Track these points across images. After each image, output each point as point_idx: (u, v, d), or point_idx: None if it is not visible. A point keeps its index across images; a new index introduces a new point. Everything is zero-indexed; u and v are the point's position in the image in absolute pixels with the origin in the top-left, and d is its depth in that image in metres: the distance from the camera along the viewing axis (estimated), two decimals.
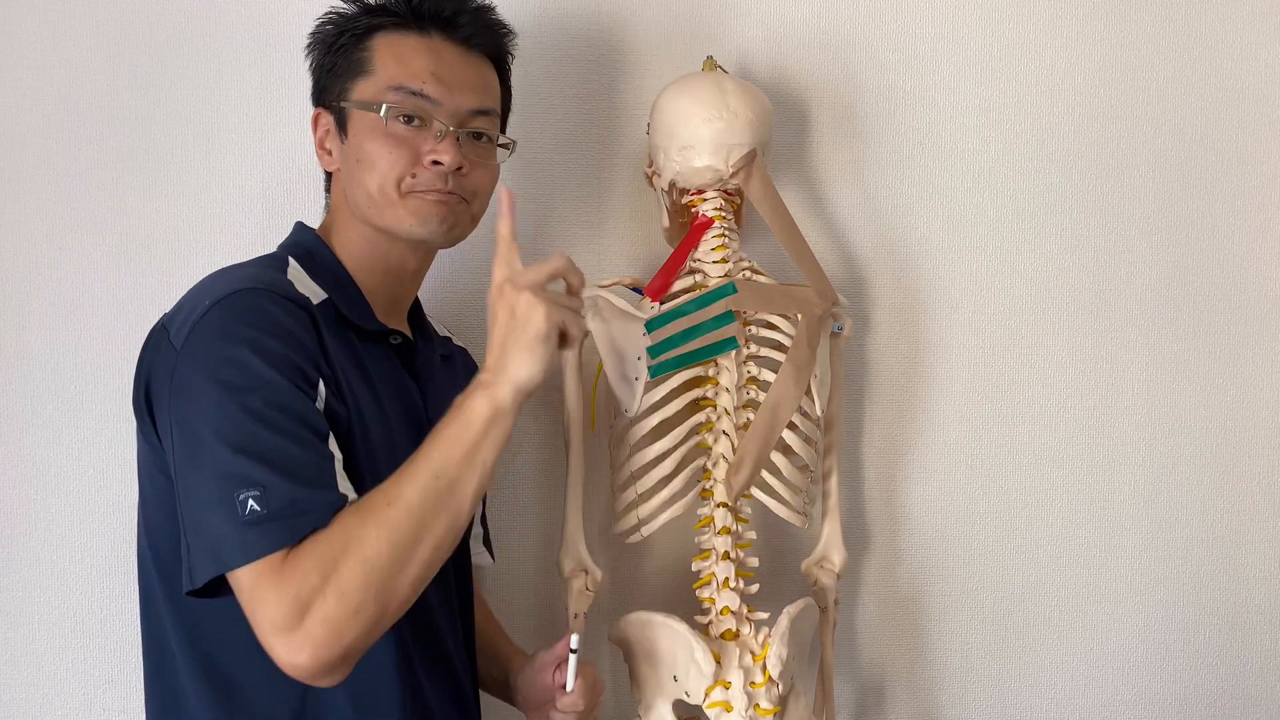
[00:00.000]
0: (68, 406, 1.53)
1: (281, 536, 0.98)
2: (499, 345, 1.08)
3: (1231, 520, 1.70)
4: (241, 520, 0.98)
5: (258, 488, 0.98)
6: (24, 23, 1.54)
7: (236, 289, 1.08)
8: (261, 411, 1.01)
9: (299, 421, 1.03)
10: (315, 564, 0.97)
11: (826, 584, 1.52)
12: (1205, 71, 1.71)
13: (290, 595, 0.96)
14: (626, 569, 1.60)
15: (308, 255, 1.22)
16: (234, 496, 0.98)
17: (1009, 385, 1.67)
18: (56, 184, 1.54)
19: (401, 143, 1.19)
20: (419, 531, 1.01)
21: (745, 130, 1.40)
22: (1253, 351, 1.71)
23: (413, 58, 1.22)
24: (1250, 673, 1.70)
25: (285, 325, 1.08)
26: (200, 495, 1.01)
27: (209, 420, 1.02)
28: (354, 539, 0.99)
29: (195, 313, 1.07)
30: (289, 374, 1.05)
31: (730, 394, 1.38)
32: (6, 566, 1.51)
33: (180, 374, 1.06)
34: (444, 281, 1.57)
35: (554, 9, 1.60)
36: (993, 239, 1.67)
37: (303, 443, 1.03)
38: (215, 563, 0.99)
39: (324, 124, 1.26)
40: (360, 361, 1.18)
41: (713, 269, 1.41)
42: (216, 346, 1.05)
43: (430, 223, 1.21)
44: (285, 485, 0.99)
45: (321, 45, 1.26)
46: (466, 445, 1.04)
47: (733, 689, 1.29)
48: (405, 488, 1.02)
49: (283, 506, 0.98)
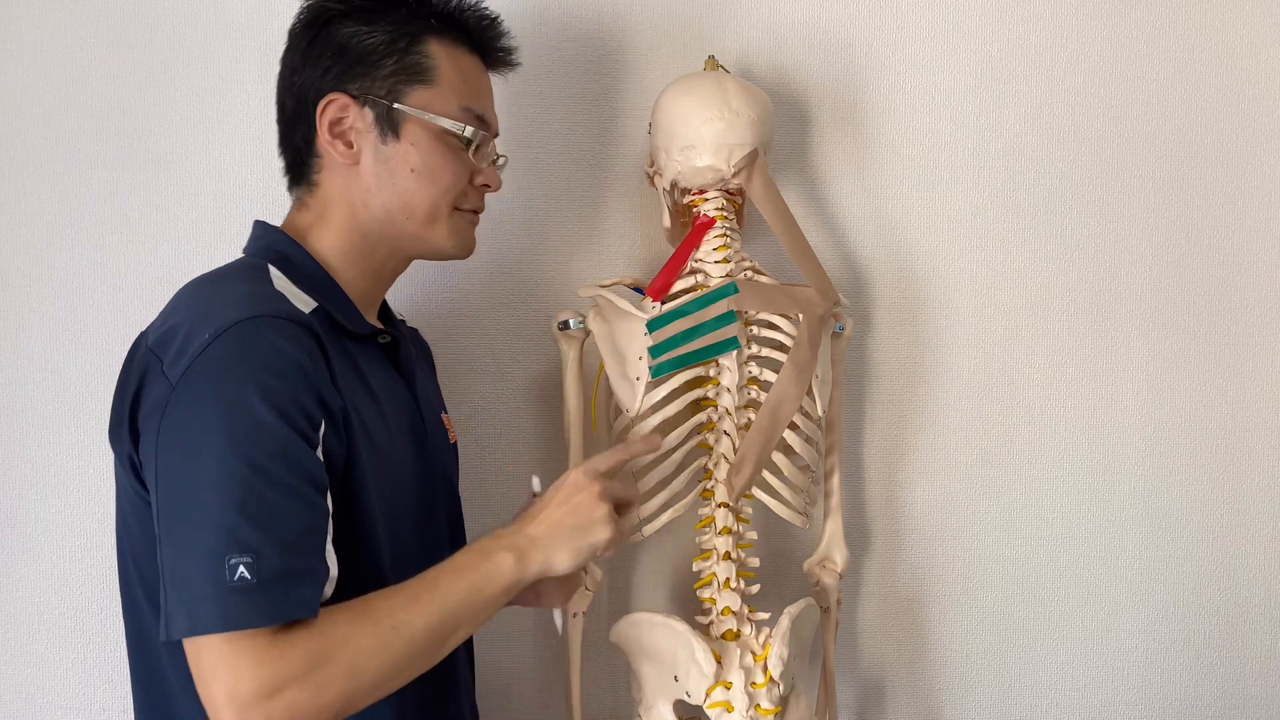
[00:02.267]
0: (68, 406, 1.53)
1: (265, 613, 0.95)
2: (551, 526, 1.12)
3: (1231, 520, 1.70)
4: (228, 586, 0.95)
5: (250, 554, 0.96)
6: (24, 23, 1.54)
7: (237, 319, 1.03)
8: (264, 465, 0.98)
9: (301, 476, 1.00)
10: (304, 656, 0.96)
11: (828, 584, 1.52)
12: (1205, 71, 1.71)
13: (268, 674, 0.95)
14: (626, 569, 1.60)
15: (285, 260, 1.16)
16: (224, 559, 0.95)
17: (1009, 385, 1.67)
18: (56, 184, 1.54)
19: (463, 162, 1.21)
20: (411, 663, 1.02)
21: (746, 130, 1.40)
22: (1253, 351, 1.71)
23: (474, 77, 1.24)
24: (1250, 673, 1.71)
25: (290, 358, 1.03)
26: (187, 547, 0.97)
27: (207, 471, 0.98)
28: (350, 648, 0.98)
29: (193, 344, 1.02)
30: (293, 420, 1.01)
31: (731, 394, 1.38)
32: (6, 566, 1.51)
33: (176, 412, 1.01)
34: (437, 281, 1.57)
35: (554, 9, 1.60)
36: (993, 239, 1.68)
37: (303, 501, 1.00)
38: (189, 623, 0.96)
39: (344, 111, 1.17)
40: (358, 367, 1.16)
41: (714, 269, 1.41)
42: (217, 388, 1.00)
43: (465, 242, 1.25)
44: (278, 556, 0.97)
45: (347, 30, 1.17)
46: (481, 602, 1.07)
47: (734, 689, 1.29)
48: (414, 618, 1.02)
49: (272, 581, 0.96)
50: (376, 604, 1.02)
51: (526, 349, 1.60)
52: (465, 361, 1.59)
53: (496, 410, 1.59)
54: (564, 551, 1.11)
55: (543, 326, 1.58)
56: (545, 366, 1.59)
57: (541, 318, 1.59)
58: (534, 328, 1.59)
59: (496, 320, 1.60)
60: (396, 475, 1.17)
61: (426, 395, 1.30)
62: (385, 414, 1.17)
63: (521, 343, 1.60)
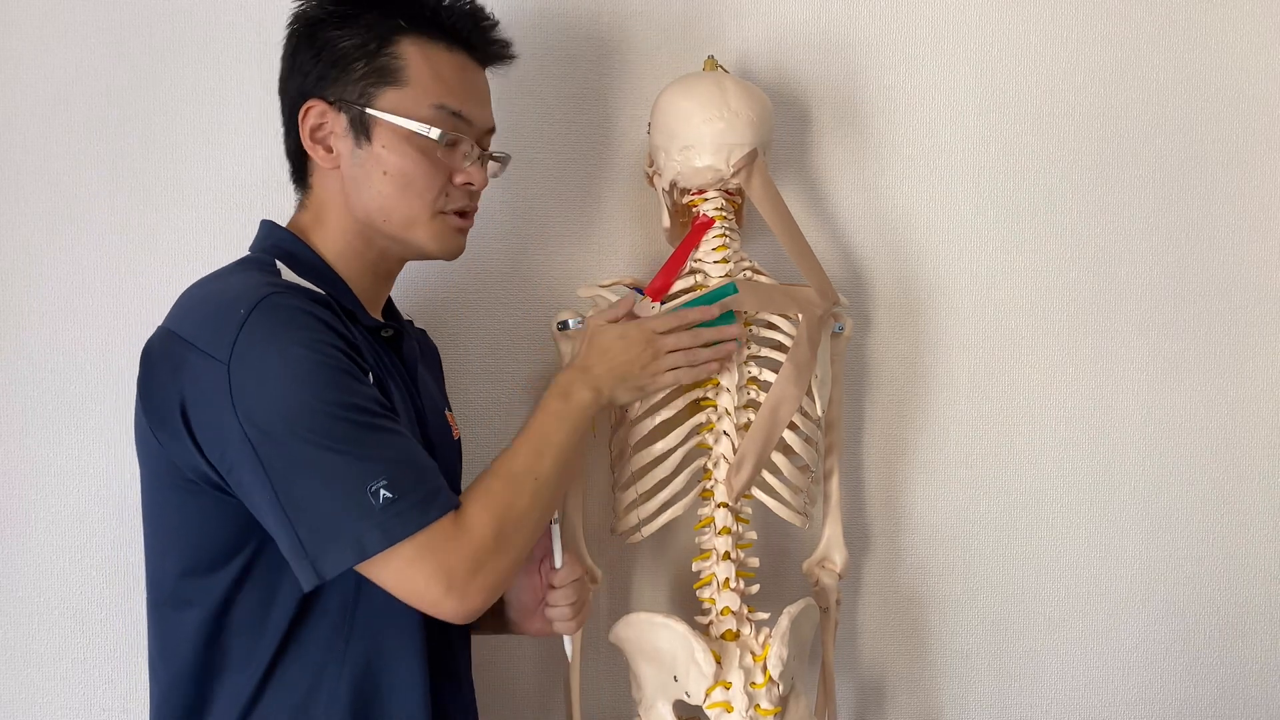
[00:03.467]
0: (68, 406, 1.52)
1: (422, 514, 1.05)
2: (619, 369, 1.27)
3: (1231, 520, 1.70)
4: (379, 509, 1.03)
5: (383, 478, 1.04)
6: (24, 23, 1.54)
7: (266, 294, 1.06)
8: (343, 402, 1.05)
9: (379, 408, 1.08)
10: (485, 527, 1.09)
11: (828, 584, 1.52)
12: (1205, 71, 1.71)
13: (468, 554, 1.07)
14: (626, 569, 1.60)
15: (290, 256, 1.18)
16: (364, 489, 1.03)
17: (1009, 385, 1.67)
18: (56, 184, 1.54)
19: (438, 163, 1.19)
20: (552, 502, 1.19)
21: (746, 130, 1.40)
22: (1253, 351, 1.71)
23: (448, 73, 1.20)
24: (1250, 674, 1.71)
25: (323, 320, 1.08)
26: (324, 501, 1.04)
27: (301, 424, 1.03)
28: (515, 508, 1.12)
29: (232, 322, 1.05)
30: (343, 364, 1.07)
31: (731, 394, 1.38)
32: (6, 566, 1.51)
33: (240, 383, 1.03)
34: (436, 281, 1.57)
35: (554, 9, 1.60)
36: (993, 239, 1.68)
37: (392, 425, 1.08)
38: (356, 551, 1.04)
39: (323, 117, 1.19)
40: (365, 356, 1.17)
41: (713, 269, 1.41)
42: (274, 350, 1.04)
43: (449, 246, 1.24)
44: (405, 471, 1.06)
45: (322, 35, 1.19)
46: (580, 436, 1.23)
47: (733, 689, 1.29)
48: (545, 468, 1.17)
49: (411, 489, 1.05)
50: (514, 467, 1.16)
51: (526, 349, 1.60)
52: (465, 361, 1.59)
53: (495, 410, 1.59)
54: (624, 390, 1.28)
55: (543, 326, 1.58)
56: (544, 366, 1.59)
57: (541, 318, 1.59)
58: (534, 328, 1.59)
59: (496, 320, 1.60)
60: None
61: (429, 390, 1.31)
62: (395, 405, 1.18)
63: (521, 343, 1.60)
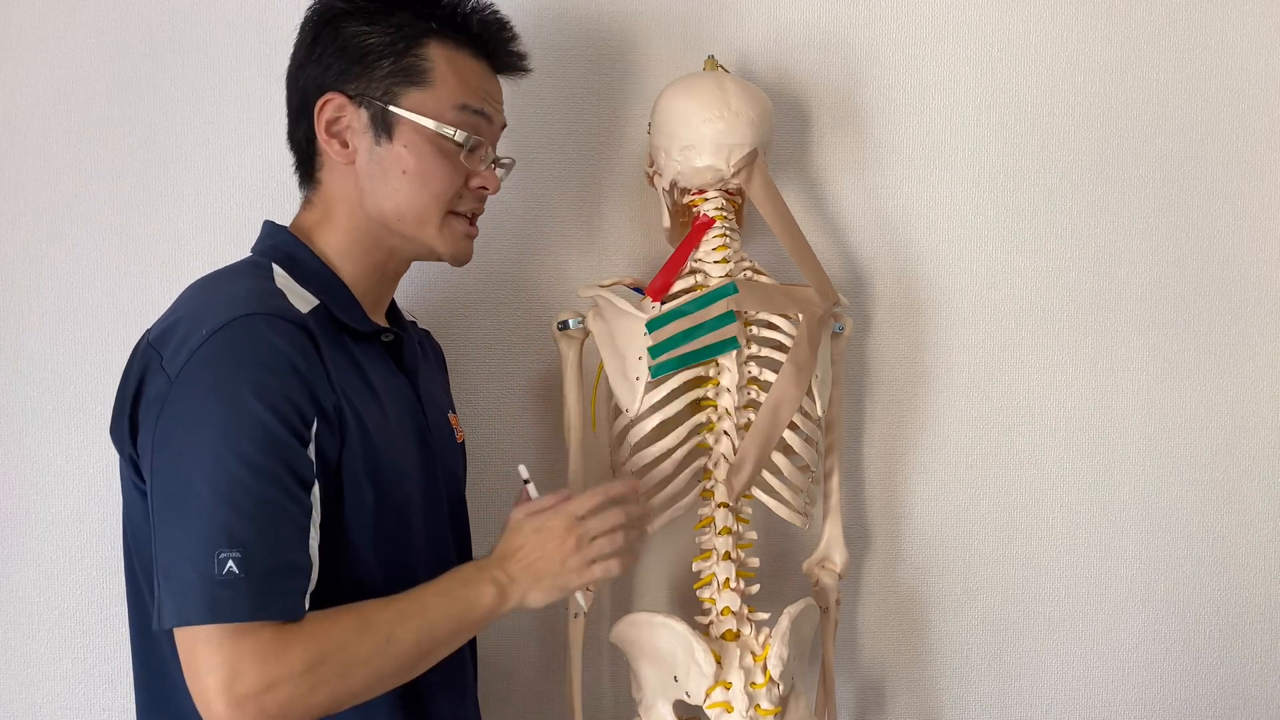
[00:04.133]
0: (68, 406, 1.53)
1: (252, 607, 0.99)
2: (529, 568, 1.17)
3: (1231, 520, 1.70)
4: (216, 579, 0.98)
5: (239, 549, 0.99)
6: (24, 23, 1.54)
7: (234, 316, 1.05)
8: (255, 461, 1.01)
9: (290, 473, 1.03)
10: (303, 655, 1.00)
11: (828, 584, 1.52)
12: (1205, 71, 1.71)
13: (269, 670, 0.99)
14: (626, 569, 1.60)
15: (290, 259, 1.18)
16: (214, 553, 0.99)
17: (1009, 385, 1.67)
18: (56, 184, 1.54)
19: (457, 164, 1.20)
20: (396, 675, 1.07)
21: (746, 130, 1.40)
22: (1253, 351, 1.71)
23: (472, 76, 1.22)
24: (1250, 673, 1.71)
25: (284, 355, 1.05)
26: (179, 540, 1.00)
27: (201, 464, 1.01)
28: (347, 654, 1.03)
29: (191, 340, 1.05)
30: (285, 416, 1.03)
31: (731, 394, 1.38)
32: (6, 566, 1.51)
33: (173, 407, 1.04)
34: (437, 281, 1.57)
35: (554, 9, 1.60)
36: (993, 239, 1.68)
37: (291, 498, 1.03)
38: (178, 614, 0.99)
39: (341, 110, 1.18)
40: (358, 364, 1.17)
41: (714, 269, 1.41)
42: (213, 383, 1.03)
43: (459, 249, 1.24)
44: (267, 552, 1.00)
45: (348, 30, 1.18)
46: (462, 627, 1.12)
47: (733, 689, 1.29)
48: (405, 635, 1.07)
49: (260, 576, 0.99)
50: (373, 615, 1.06)
51: (526, 349, 1.60)
52: (465, 361, 1.59)
53: (496, 410, 1.59)
54: (540, 592, 1.17)
55: (543, 326, 1.58)
56: (545, 366, 1.59)
57: (541, 318, 1.59)
58: (534, 328, 1.59)
59: (496, 320, 1.60)
60: (398, 471, 1.17)
61: (430, 394, 1.30)
62: (386, 411, 1.18)
63: (521, 343, 1.60)
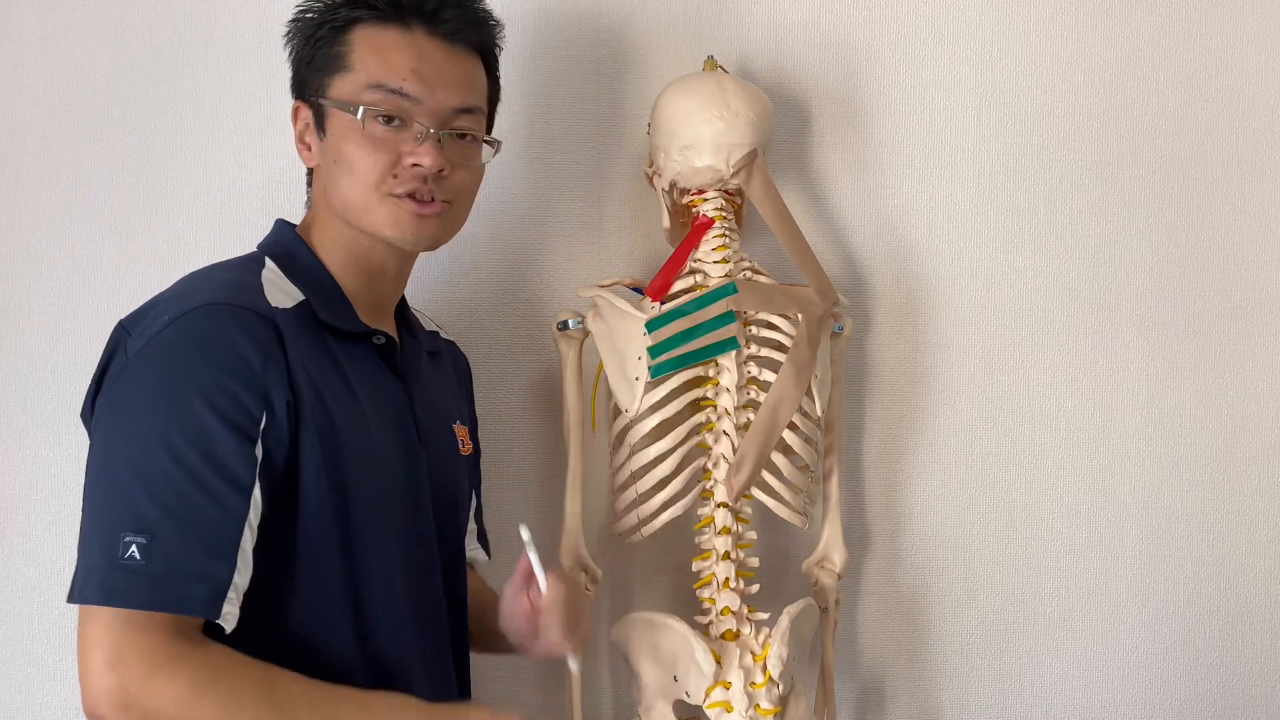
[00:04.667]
0: (68, 406, 1.52)
1: (145, 597, 0.96)
2: None
3: (1231, 520, 1.70)
4: (118, 561, 0.96)
5: (146, 534, 0.97)
6: (24, 23, 1.54)
7: (199, 305, 1.06)
8: (183, 454, 1.00)
9: (221, 474, 1.01)
10: (191, 676, 0.96)
11: (827, 584, 1.52)
12: (1205, 71, 1.71)
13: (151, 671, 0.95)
14: (626, 569, 1.60)
15: (288, 256, 1.19)
16: (119, 535, 0.97)
17: (1009, 385, 1.67)
18: (56, 184, 1.54)
19: (380, 144, 1.15)
20: None
21: (746, 130, 1.40)
22: (1253, 351, 1.71)
23: (392, 53, 1.17)
24: (1250, 673, 1.70)
25: (238, 351, 1.04)
26: (94, 518, 1.00)
27: (128, 446, 1.01)
28: (233, 700, 0.97)
29: (155, 325, 1.06)
30: (228, 415, 1.02)
31: (731, 394, 1.38)
32: (6, 566, 1.51)
33: (119, 387, 1.05)
34: (437, 281, 1.58)
35: (554, 9, 1.60)
36: (993, 239, 1.67)
37: (214, 500, 1.00)
38: (80, 592, 0.98)
39: (303, 118, 1.21)
40: (337, 363, 1.15)
41: (713, 269, 1.41)
42: (161, 371, 1.04)
43: (406, 232, 1.18)
44: (174, 546, 0.97)
45: (300, 36, 1.21)
46: None
47: (733, 689, 1.29)
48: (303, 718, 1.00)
49: (161, 569, 0.97)
50: (283, 685, 1.01)
51: (526, 349, 1.60)
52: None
53: (496, 410, 1.59)
54: None
55: (543, 326, 1.58)
56: (545, 366, 1.59)
57: (541, 318, 1.59)
58: (534, 328, 1.59)
59: (496, 320, 1.60)
60: (373, 472, 1.14)
61: (430, 401, 1.27)
62: (366, 412, 1.15)
63: (521, 343, 1.60)
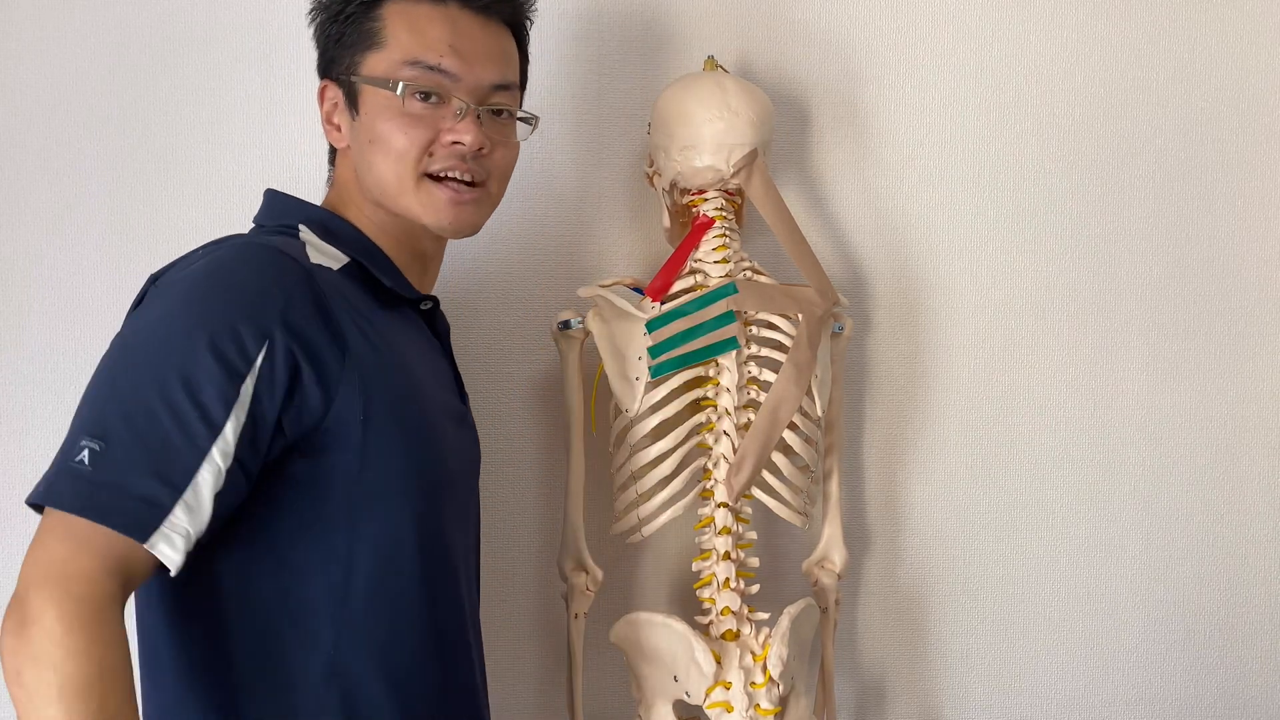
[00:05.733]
0: (68, 406, 1.51)
1: (79, 503, 0.92)
2: None
3: (1231, 520, 1.70)
4: (68, 464, 0.94)
5: (100, 441, 0.94)
6: (24, 23, 1.54)
7: (237, 243, 1.08)
8: (162, 371, 0.97)
9: (192, 398, 0.96)
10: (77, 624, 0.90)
11: (827, 584, 1.52)
12: (1205, 71, 1.71)
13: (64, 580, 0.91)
14: (626, 569, 1.60)
15: (320, 224, 1.16)
16: (79, 439, 0.95)
17: (1009, 385, 1.67)
18: (56, 183, 1.54)
19: (418, 122, 1.13)
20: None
21: (746, 130, 1.40)
22: (1252, 351, 1.71)
23: (429, 28, 1.14)
24: (1250, 673, 1.71)
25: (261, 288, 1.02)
26: (73, 420, 0.99)
27: (116, 359, 1.02)
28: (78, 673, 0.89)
29: (186, 261, 1.08)
30: (223, 346, 0.98)
31: (731, 394, 1.38)
32: (6, 566, 1.51)
33: (138, 310, 1.08)
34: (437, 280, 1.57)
35: (554, 9, 1.60)
36: (993, 239, 1.68)
37: (178, 421, 0.96)
38: (33, 490, 0.96)
39: (331, 97, 1.19)
40: (389, 326, 1.12)
41: (713, 269, 1.41)
42: (178, 297, 1.03)
43: (443, 218, 1.16)
44: (122, 456, 0.94)
45: (327, 12, 1.19)
46: None
47: (733, 689, 1.29)
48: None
49: (105, 479, 0.93)
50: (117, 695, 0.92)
51: (526, 349, 1.60)
52: (465, 361, 1.58)
53: (496, 410, 1.59)
54: None
55: (543, 326, 1.58)
56: (545, 366, 1.59)
57: (541, 318, 1.59)
58: (534, 328, 1.59)
59: (497, 320, 1.60)
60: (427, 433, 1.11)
61: (457, 368, 1.29)
62: (420, 380, 1.13)
63: (521, 343, 1.60)
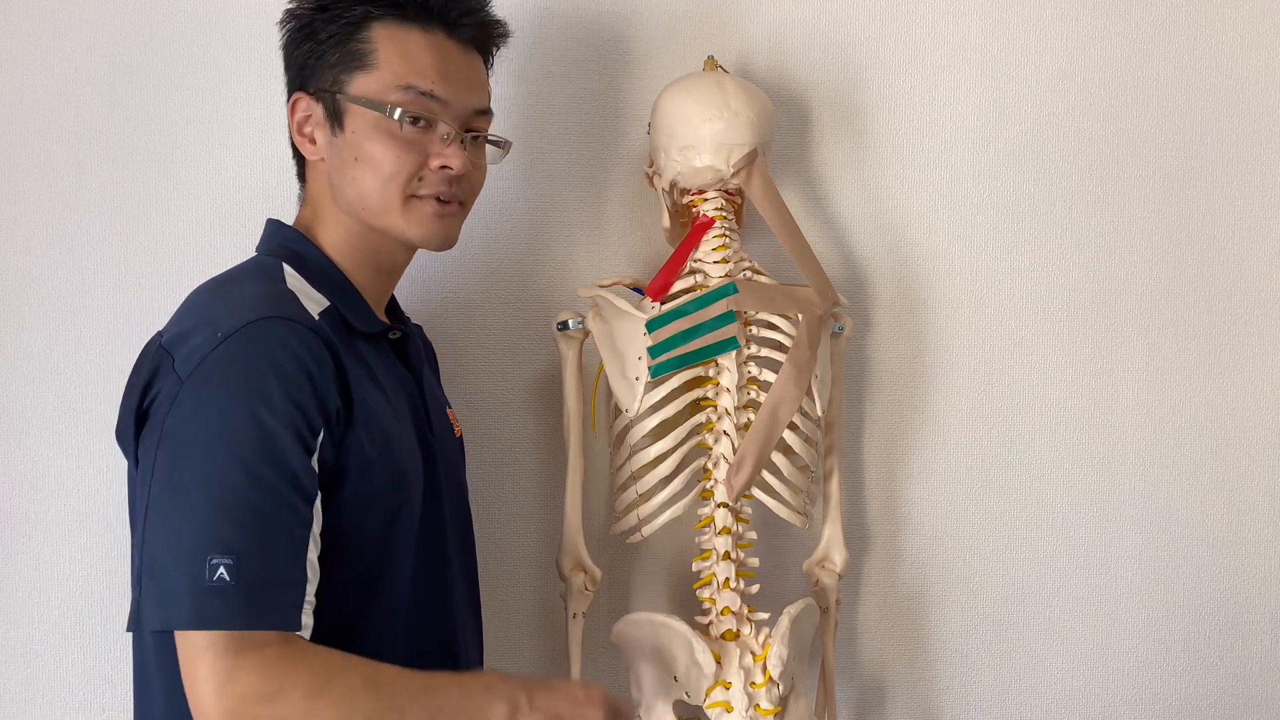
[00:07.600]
0: (68, 406, 1.52)
1: (240, 616, 0.97)
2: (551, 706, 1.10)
3: (1231, 520, 1.70)
4: (206, 585, 0.97)
5: (232, 556, 0.97)
6: (24, 22, 1.54)
7: (250, 319, 1.06)
8: (256, 470, 1.00)
9: (291, 484, 1.02)
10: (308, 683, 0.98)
11: (827, 584, 1.52)
12: (1205, 71, 1.71)
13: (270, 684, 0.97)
14: (626, 569, 1.60)
15: (299, 258, 1.18)
16: (205, 558, 0.97)
17: (1009, 385, 1.67)
18: (56, 184, 1.54)
19: (410, 146, 1.16)
20: None
21: (746, 130, 1.40)
22: (1252, 352, 1.71)
23: (419, 54, 1.18)
24: (1250, 673, 1.70)
25: (299, 362, 1.05)
26: (169, 542, 0.99)
27: (199, 468, 1.00)
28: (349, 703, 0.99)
29: (205, 344, 1.05)
30: (293, 425, 1.03)
31: (731, 394, 1.38)
32: (6, 566, 1.51)
33: (181, 407, 1.03)
34: (437, 281, 1.57)
35: (555, 9, 1.60)
36: (993, 239, 1.67)
37: (290, 510, 1.02)
38: (163, 617, 0.98)
39: (305, 109, 1.20)
40: (368, 365, 1.16)
41: (713, 269, 1.41)
42: (223, 388, 1.02)
43: (430, 233, 1.20)
44: (259, 562, 0.99)
45: (303, 29, 1.20)
46: None
47: (733, 689, 1.29)
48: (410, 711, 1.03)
49: (251, 586, 0.98)
50: (387, 680, 1.03)
51: (526, 349, 1.60)
52: (465, 361, 1.59)
53: (496, 410, 1.59)
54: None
55: (543, 326, 1.58)
56: (545, 366, 1.59)
57: (541, 318, 1.59)
58: (534, 328, 1.59)
59: (496, 320, 1.60)
60: (402, 467, 1.16)
61: (432, 390, 1.30)
62: (395, 409, 1.17)
63: (521, 343, 1.60)
